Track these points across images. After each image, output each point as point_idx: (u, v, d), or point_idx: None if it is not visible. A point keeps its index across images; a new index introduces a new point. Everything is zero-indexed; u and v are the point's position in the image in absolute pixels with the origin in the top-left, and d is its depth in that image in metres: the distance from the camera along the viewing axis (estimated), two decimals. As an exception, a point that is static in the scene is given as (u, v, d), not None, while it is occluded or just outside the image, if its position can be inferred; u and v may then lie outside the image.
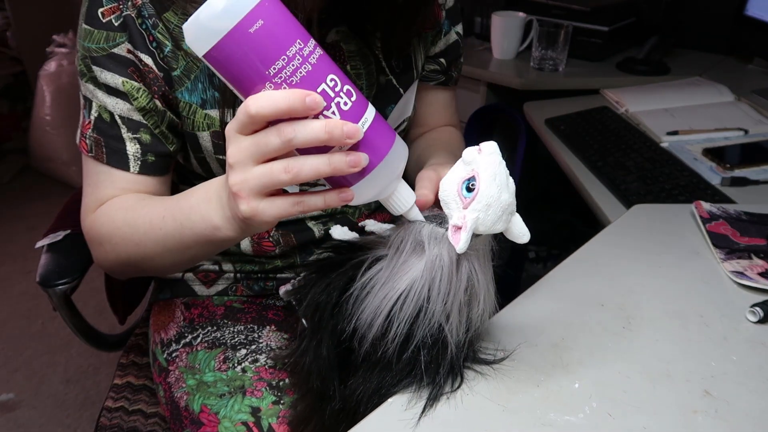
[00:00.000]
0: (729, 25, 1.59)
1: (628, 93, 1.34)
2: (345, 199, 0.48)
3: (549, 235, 1.93)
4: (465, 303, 0.50)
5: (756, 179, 0.98)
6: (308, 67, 0.44)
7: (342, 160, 0.45)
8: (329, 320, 0.53)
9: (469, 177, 0.48)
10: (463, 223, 0.47)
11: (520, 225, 0.52)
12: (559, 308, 0.64)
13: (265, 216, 0.47)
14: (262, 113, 0.43)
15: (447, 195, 0.50)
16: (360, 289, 0.51)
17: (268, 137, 0.44)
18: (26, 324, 1.80)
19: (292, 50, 0.43)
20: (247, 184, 0.46)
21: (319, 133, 0.43)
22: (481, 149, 0.48)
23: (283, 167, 0.44)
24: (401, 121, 0.80)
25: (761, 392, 0.54)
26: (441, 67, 0.85)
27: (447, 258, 0.49)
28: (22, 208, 2.33)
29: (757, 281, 0.68)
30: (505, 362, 0.56)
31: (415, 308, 0.49)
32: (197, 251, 0.60)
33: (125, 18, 0.61)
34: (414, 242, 0.50)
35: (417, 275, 0.49)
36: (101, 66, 0.62)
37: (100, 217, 0.66)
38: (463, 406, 0.51)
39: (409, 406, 0.51)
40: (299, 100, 0.42)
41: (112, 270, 0.71)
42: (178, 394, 0.72)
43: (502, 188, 0.47)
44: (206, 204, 0.55)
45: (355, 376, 0.53)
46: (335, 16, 0.69)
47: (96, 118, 0.64)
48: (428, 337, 0.49)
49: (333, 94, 0.45)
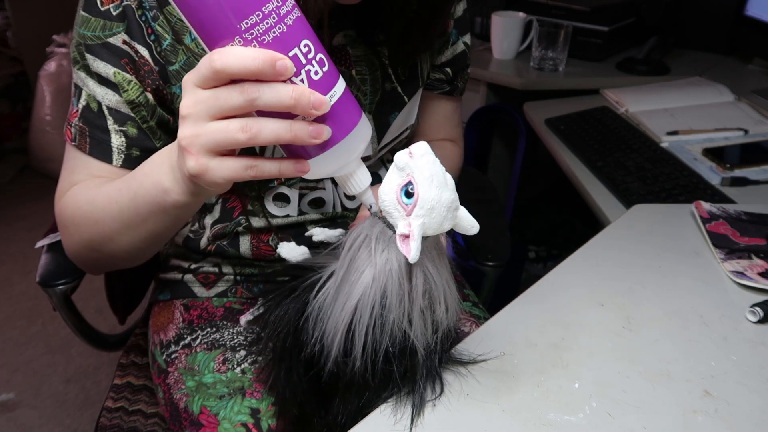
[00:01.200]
0: (729, 25, 1.59)
1: (628, 93, 1.34)
2: (301, 170, 0.46)
3: (549, 235, 1.93)
4: (426, 306, 0.49)
5: (756, 179, 0.98)
6: (283, 27, 0.41)
7: (304, 129, 0.43)
8: (293, 347, 0.51)
9: (405, 183, 0.46)
10: (410, 231, 0.45)
11: (468, 218, 0.50)
12: (559, 308, 0.64)
13: (214, 176, 0.44)
14: (227, 70, 0.41)
15: (387, 204, 0.48)
16: (317, 309, 0.49)
17: (230, 93, 0.42)
18: (26, 324, 1.80)
19: (268, 7, 0.40)
20: (198, 139, 0.43)
21: (285, 98, 0.41)
22: (412, 152, 0.46)
23: (241, 126, 0.42)
24: (404, 128, 0.80)
25: (761, 392, 0.54)
26: (446, 76, 0.84)
27: (396, 263, 0.47)
28: (22, 208, 2.33)
29: (757, 281, 0.68)
30: (505, 362, 0.56)
31: (372, 318, 0.47)
32: (153, 224, 0.57)
33: (125, 8, 0.60)
34: (365, 247, 0.49)
35: (368, 282, 0.47)
36: (95, 54, 0.61)
37: (66, 199, 0.65)
38: (462, 407, 0.51)
39: (397, 419, 0.50)
40: (269, 64, 0.40)
41: (78, 256, 0.68)
42: (178, 395, 0.72)
43: (442, 188, 0.46)
44: (158, 168, 0.53)
45: (332, 399, 0.52)
46: (345, 19, 0.69)
47: (84, 107, 0.63)
48: (395, 346, 0.48)
49: (305, 60, 0.43)
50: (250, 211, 0.73)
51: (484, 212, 1.01)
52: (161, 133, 0.67)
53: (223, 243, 0.75)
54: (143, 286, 1.03)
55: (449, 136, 0.92)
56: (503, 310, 0.64)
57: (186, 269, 0.80)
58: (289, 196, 0.73)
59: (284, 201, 0.73)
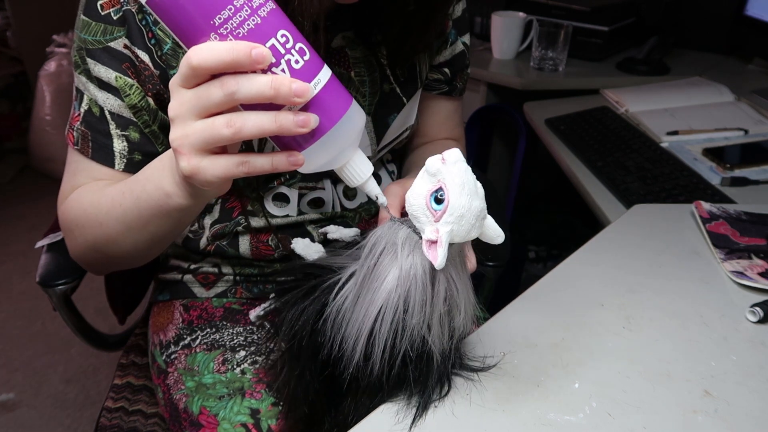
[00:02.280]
0: (729, 25, 1.59)
1: (628, 93, 1.34)
2: (294, 163, 0.45)
3: (549, 235, 1.93)
4: (445, 313, 0.49)
5: (756, 179, 0.98)
6: (257, 19, 0.42)
7: (289, 119, 0.42)
8: (308, 347, 0.51)
9: (436, 189, 0.46)
10: (438, 237, 0.45)
11: (494, 227, 0.50)
12: (559, 308, 0.64)
13: (207, 175, 0.44)
14: (203, 65, 0.41)
15: (415, 209, 0.47)
16: (336, 312, 0.49)
17: (210, 90, 0.42)
18: (26, 324, 1.80)
19: (239, 0, 0.41)
20: (187, 139, 0.44)
21: (264, 87, 0.41)
22: (444, 159, 0.46)
23: (225, 122, 0.42)
24: (404, 129, 0.80)
25: (761, 392, 0.54)
26: (445, 76, 0.84)
27: (421, 268, 0.47)
28: (22, 208, 2.33)
29: (757, 281, 0.68)
30: (505, 362, 0.56)
31: (394, 323, 0.47)
32: (155, 227, 0.58)
33: (125, 12, 0.60)
34: (388, 252, 0.48)
35: (391, 287, 0.47)
36: (96, 59, 0.61)
37: (70, 201, 0.65)
38: (462, 407, 0.51)
39: (398, 420, 0.50)
40: (244, 53, 0.40)
41: (83, 257, 0.69)
42: (177, 395, 0.72)
43: (473, 196, 0.46)
44: (159, 172, 0.53)
45: (344, 399, 0.52)
46: (343, 21, 0.69)
47: (86, 111, 0.64)
48: (413, 351, 0.48)
49: (283, 50, 0.43)
50: (249, 211, 0.73)
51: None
52: (164, 137, 0.67)
53: (222, 243, 0.75)
54: (143, 286, 1.03)
55: (451, 135, 0.92)
56: (503, 310, 0.64)
57: (186, 269, 0.80)
58: (289, 196, 0.73)
59: (284, 201, 0.73)
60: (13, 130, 2.65)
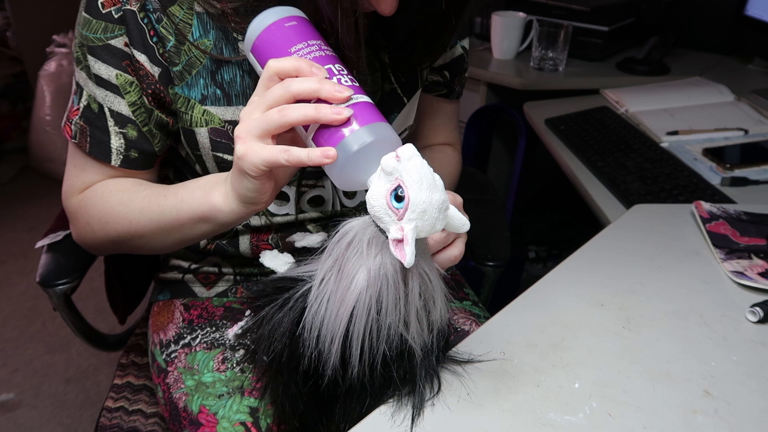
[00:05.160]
0: (729, 25, 1.59)
1: (628, 93, 1.34)
2: (326, 154, 0.50)
3: (549, 235, 1.93)
4: (421, 307, 0.49)
5: (756, 179, 0.98)
6: (321, 53, 0.54)
7: (327, 108, 0.50)
8: (290, 360, 0.51)
9: (395, 187, 0.46)
10: (403, 236, 0.45)
11: (458, 216, 0.50)
12: (559, 308, 0.64)
13: (255, 156, 0.50)
14: (277, 65, 0.52)
15: (377, 210, 0.47)
16: (312, 318, 0.49)
17: (273, 88, 0.51)
18: (26, 324, 1.80)
19: (312, 42, 0.55)
20: (247, 126, 0.51)
21: (313, 83, 0.50)
22: (399, 156, 0.46)
23: (277, 109, 0.50)
24: (403, 129, 0.80)
25: (761, 392, 0.54)
26: (444, 79, 0.84)
27: (391, 267, 0.47)
28: (22, 208, 2.33)
29: (757, 281, 0.68)
30: (505, 362, 0.56)
31: (369, 323, 0.47)
32: (188, 230, 0.62)
33: (124, 12, 0.61)
34: (353, 249, 0.48)
35: (362, 287, 0.47)
36: (96, 56, 0.62)
37: (90, 198, 0.67)
38: (463, 407, 0.51)
39: (395, 422, 0.50)
40: (306, 61, 0.52)
41: (96, 247, 0.72)
42: (177, 394, 0.72)
43: (432, 189, 0.46)
44: (213, 186, 0.59)
45: (333, 407, 0.52)
46: None
47: (85, 106, 0.65)
48: (392, 350, 0.48)
49: (336, 73, 0.53)
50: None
51: (484, 212, 1.01)
52: (160, 135, 0.67)
53: (222, 242, 0.75)
54: (143, 286, 1.03)
55: (448, 140, 0.92)
56: (503, 310, 0.64)
57: (186, 269, 0.80)
58: (288, 194, 0.73)
59: (283, 199, 0.73)
60: (13, 130, 2.65)
